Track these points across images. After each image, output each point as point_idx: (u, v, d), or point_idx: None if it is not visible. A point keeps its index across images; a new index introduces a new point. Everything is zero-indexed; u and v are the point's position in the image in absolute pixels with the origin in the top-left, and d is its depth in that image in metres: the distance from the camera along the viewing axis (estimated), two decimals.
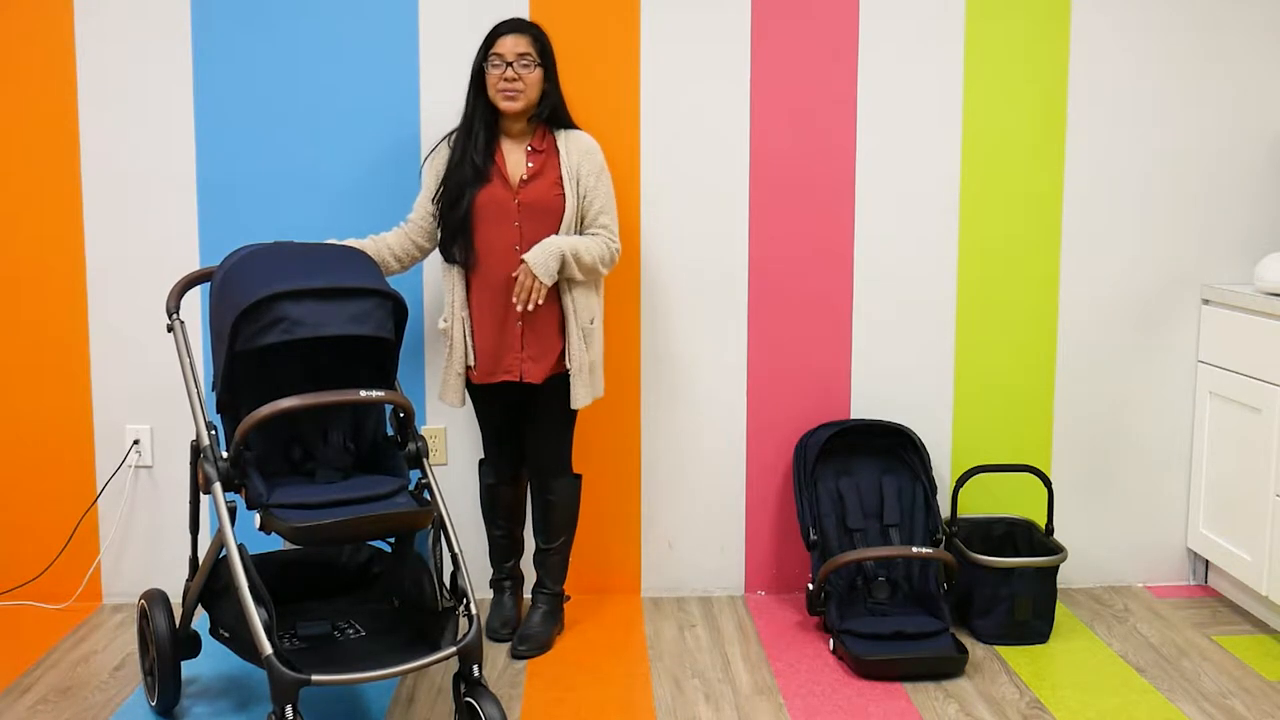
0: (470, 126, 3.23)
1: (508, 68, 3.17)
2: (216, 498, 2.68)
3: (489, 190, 3.20)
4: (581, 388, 3.29)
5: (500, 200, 3.21)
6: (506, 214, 3.21)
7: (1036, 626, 3.44)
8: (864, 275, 3.72)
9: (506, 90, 3.18)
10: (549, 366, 3.28)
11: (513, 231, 3.21)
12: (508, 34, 3.20)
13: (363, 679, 2.61)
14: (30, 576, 3.65)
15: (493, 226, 3.21)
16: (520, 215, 3.21)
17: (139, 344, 3.60)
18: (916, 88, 3.67)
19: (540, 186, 3.23)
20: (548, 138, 3.28)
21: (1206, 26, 3.69)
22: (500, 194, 3.21)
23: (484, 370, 3.28)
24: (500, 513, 3.50)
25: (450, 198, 3.22)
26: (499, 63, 3.18)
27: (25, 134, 3.55)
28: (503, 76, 3.17)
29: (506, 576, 3.56)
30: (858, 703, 3.08)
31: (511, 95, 3.18)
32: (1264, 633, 3.53)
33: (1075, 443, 3.81)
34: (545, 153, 3.26)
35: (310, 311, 2.70)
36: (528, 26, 3.23)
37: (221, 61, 3.54)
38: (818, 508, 3.55)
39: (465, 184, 3.20)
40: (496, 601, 3.55)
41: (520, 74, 3.17)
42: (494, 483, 3.48)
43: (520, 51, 3.18)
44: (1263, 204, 3.76)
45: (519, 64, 3.17)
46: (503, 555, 3.55)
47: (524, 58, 3.18)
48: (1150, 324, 3.78)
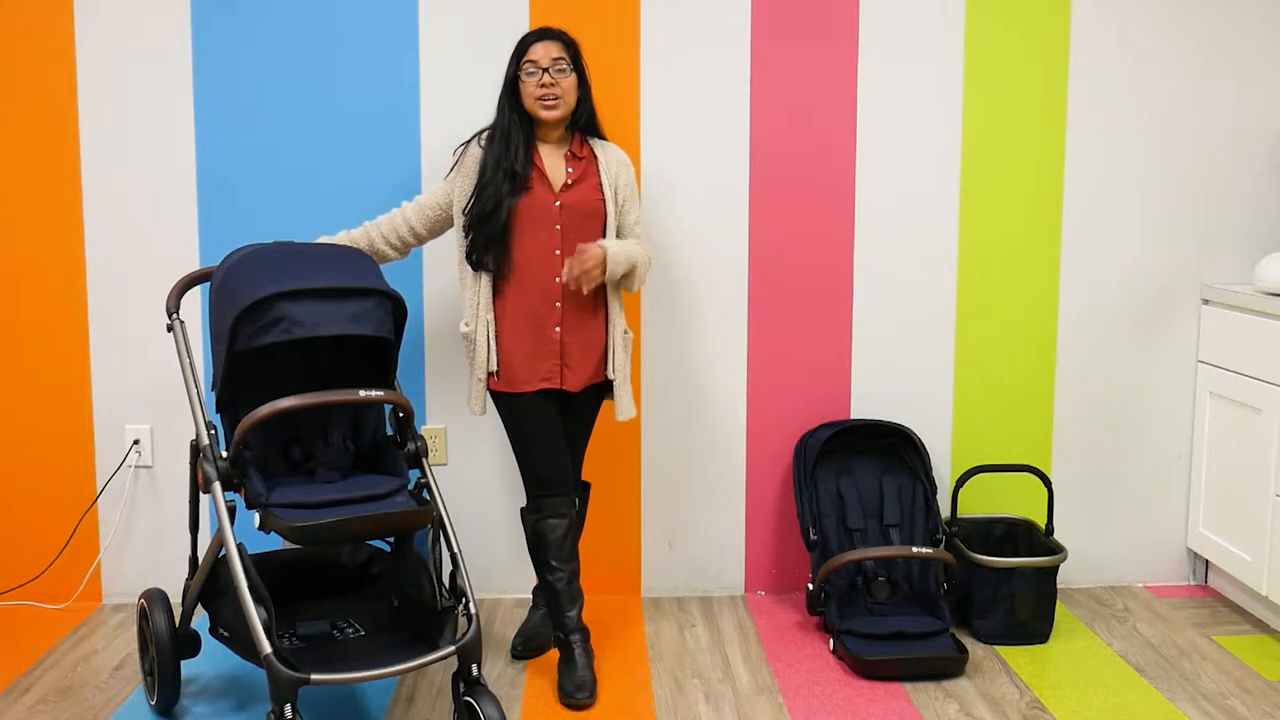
0: (509, 138, 3.14)
1: (544, 74, 3.10)
2: (216, 497, 2.68)
3: (529, 197, 3.11)
4: (626, 399, 3.23)
5: (542, 205, 3.13)
6: (548, 218, 3.14)
7: (1036, 626, 3.44)
8: (864, 275, 3.72)
9: (545, 97, 3.11)
10: (586, 376, 3.20)
11: (554, 235, 3.14)
12: (539, 41, 3.14)
13: (362, 678, 2.61)
14: (30, 576, 3.65)
15: (533, 232, 3.12)
16: (562, 218, 3.14)
17: (139, 344, 3.60)
18: (916, 88, 3.67)
19: (582, 191, 3.17)
20: (585, 146, 3.22)
21: (1206, 26, 3.69)
22: (542, 198, 3.13)
23: (509, 378, 3.14)
24: (563, 548, 3.16)
25: (484, 209, 3.10)
26: (534, 69, 3.11)
27: (25, 134, 3.55)
28: (540, 83, 3.10)
29: (575, 629, 3.16)
30: (858, 703, 3.08)
31: (551, 104, 3.11)
32: (1264, 633, 3.53)
33: (1075, 443, 3.81)
34: (585, 159, 3.20)
35: (310, 311, 2.70)
36: (558, 33, 3.18)
37: (221, 61, 3.55)
38: (818, 508, 3.55)
39: (502, 196, 3.09)
40: (567, 660, 3.16)
41: (557, 79, 3.11)
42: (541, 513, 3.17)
43: (554, 56, 3.12)
44: (1263, 204, 3.76)
45: (554, 69, 3.12)
46: (571, 600, 3.17)
47: (558, 62, 3.12)
48: (1150, 324, 3.78)
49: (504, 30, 3.53)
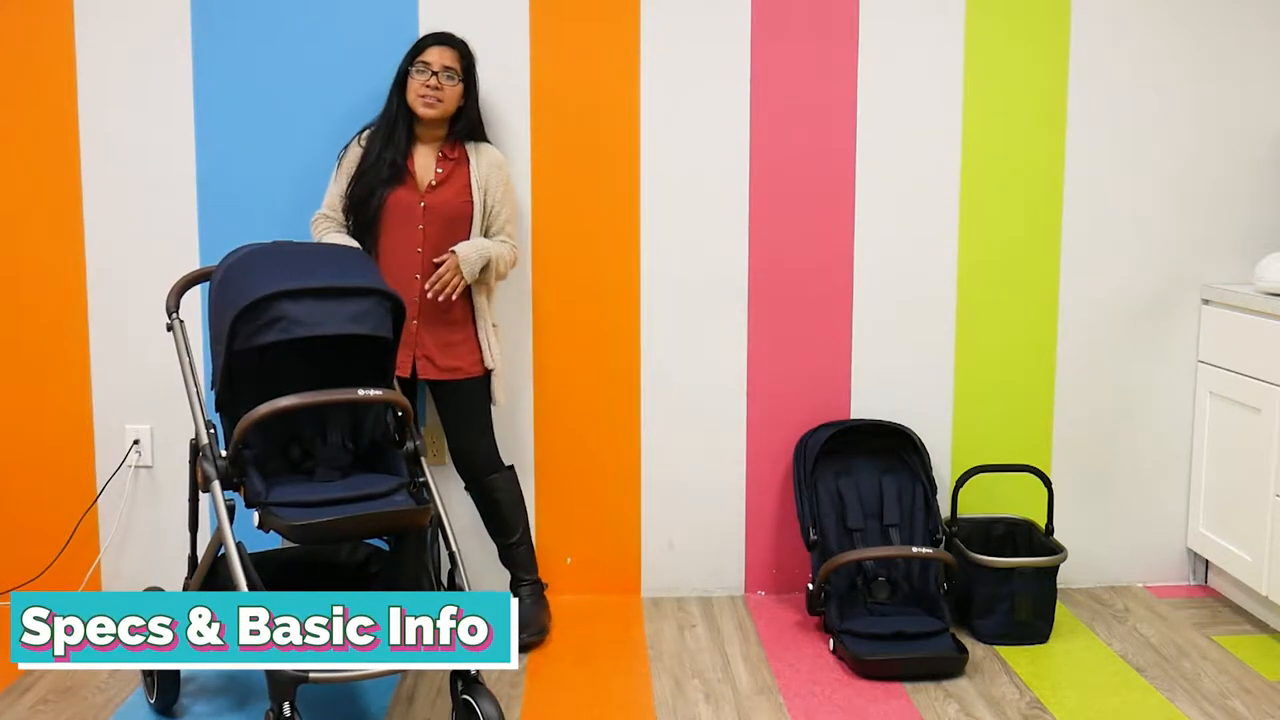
0: (393, 128, 3.31)
1: (432, 76, 3.27)
2: (215, 496, 2.68)
3: (398, 194, 3.28)
4: (499, 388, 3.43)
5: (407, 203, 3.29)
6: (412, 217, 3.29)
7: (1036, 626, 3.44)
8: (864, 275, 3.72)
9: (427, 97, 3.28)
10: (449, 367, 3.33)
11: (417, 234, 3.28)
12: (436, 45, 3.31)
13: (361, 676, 2.60)
14: (30, 576, 3.65)
15: (398, 228, 3.29)
16: (425, 219, 3.29)
17: (139, 344, 3.60)
18: (916, 88, 3.67)
19: (447, 192, 3.32)
20: (459, 147, 3.37)
21: (1206, 27, 3.68)
22: (407, 197, 3.29)
23: None
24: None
25: (362, 195, 3.29)
26: (424, 69, 3.28)
27: (25, 134, 3.55)
28: (425, 83, 3.27)
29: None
30: (858, 703, 3.08)
31: (430, 103, 3.28)
32: (1264, 633, 3.52)
33: (1075, 443, 3.81)
34: (455, 160, 3.35)
35: (309, 311, 2.71)
36: (457, 41, 3.35)
37: (221, 61, 3.55)
38: (818, 508, 3.55)
39: (379, 183, 3.28)
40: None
41: (443, 84, 3.28)
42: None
43: (446, 64, 3.30)
44: (1263, 204, 3.76)
45: (443, 75, 3.28)
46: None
47: (448, 70, 3.30)
48: (1150, 324, 3.78)
49: (503, 31, 3.53)
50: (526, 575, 3.51)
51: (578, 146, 3.61)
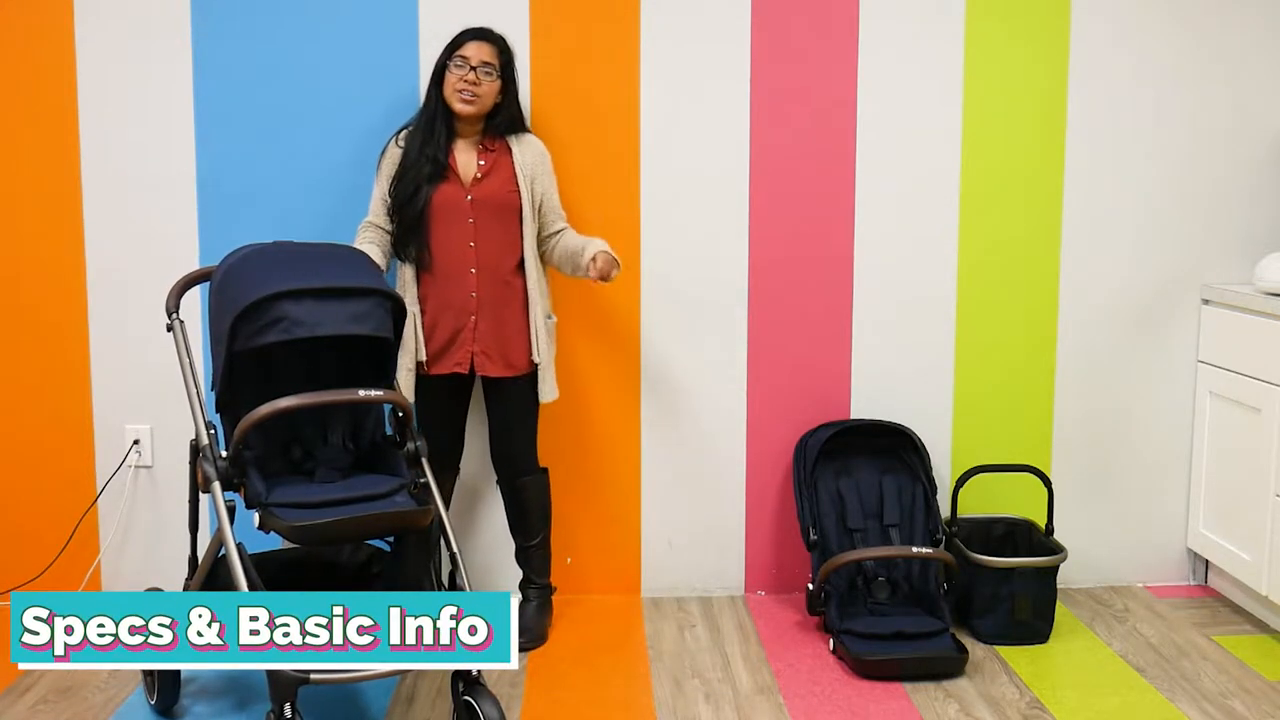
0: (432, 124, 3.29)
1: (470, 71, 3.25)
2: (215, 497, 2.68)
3: (443, 190, 3.26)
4: (550, 381, 3.39)
5: (453, 199, 3.27)
6: (460, 212, 3.27)
7: (1036, 626, 3.44)
8: (864, 275, 3.72)
9: (465, 92, 3.25)
10: (506, 363, 3.32)
11: (468, 229, 3.27)
12: (474, 40, 3.29)
13: (362, 677, 2.60)
14: (30, 576, 3.65)
15: (447, 225, 3.27)
16: (475, 212, 3.27)
17: (139, 344, 3.60)
18: (916, 88, 3.67)
19: (493, 184, 3.30)
20: (498, 140, 3.35)
21: (1206, 27, 3.69)
22: (453, 193, 3.27)
23: (430, 365, 3.31)
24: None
25: (405, 194, 3.26)
26: (462, 64, 3.26)
27: (25, 134, 3.55)
28: (463, 78, 3.25)
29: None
30: (858, 703, 3.08)
31: (469, 99, 3.25)
32: (1264, 633, 3.53)
33: (1075, 443, 3.81)
34: (496, 152, 3.33)
35: (309, 311, 2.70)
36: (495, 37, 3.32)
37: (221, 61, 3.55)
38: (818, 508, 3.55)
39: (422, 181, 3.25)
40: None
41: (480, 80, 3.26)
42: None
43: (484, 59, 3.27)
44: (1263, 204, 3.76)
45: (481, 70, 3.26)
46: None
47: (486, 66, 3.28)
48: (1150, 324, 3.78)
49: (504, 30, 3.53)
50: (538, 579, 3.52)
51: (578, 146, 3.61)
